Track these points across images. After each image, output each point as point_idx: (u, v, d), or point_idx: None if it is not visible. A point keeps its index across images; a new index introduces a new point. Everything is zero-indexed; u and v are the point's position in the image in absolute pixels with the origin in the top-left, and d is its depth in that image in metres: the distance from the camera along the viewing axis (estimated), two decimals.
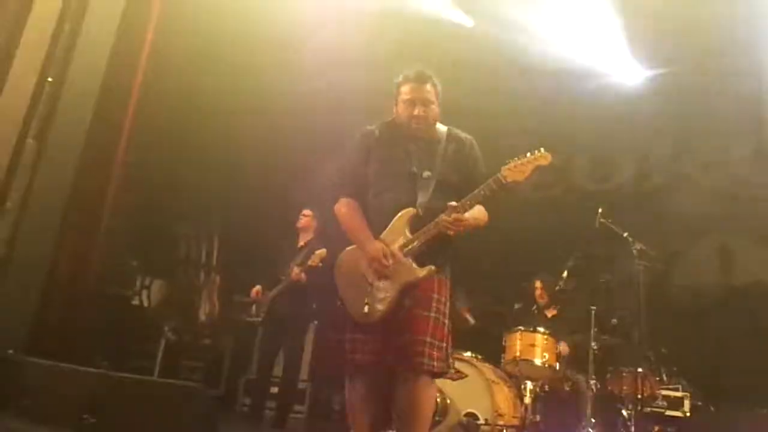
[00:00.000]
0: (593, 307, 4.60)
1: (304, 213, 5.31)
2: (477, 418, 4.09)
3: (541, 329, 4.60)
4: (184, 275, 7.00)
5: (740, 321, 5.45)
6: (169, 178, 6.23)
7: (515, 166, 2.61)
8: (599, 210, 4.61)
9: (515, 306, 5.42)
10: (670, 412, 4.55)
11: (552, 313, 5.23)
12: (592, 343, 4.53)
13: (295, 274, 4.92)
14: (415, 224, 2.66)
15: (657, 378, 4.61)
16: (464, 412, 4.11)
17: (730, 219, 5.81)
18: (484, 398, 4.15)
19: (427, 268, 2.62)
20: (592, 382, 4.47)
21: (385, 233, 2.70)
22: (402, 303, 2.61)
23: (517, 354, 4.52)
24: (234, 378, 6.20)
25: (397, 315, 2.59)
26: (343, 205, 2.82)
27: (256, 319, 5.13)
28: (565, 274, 4.80)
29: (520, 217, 5.49)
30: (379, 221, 2.73)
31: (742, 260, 5.88)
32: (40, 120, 3.82)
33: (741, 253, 5.91)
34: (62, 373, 3.32)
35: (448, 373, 2.68)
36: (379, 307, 2.60)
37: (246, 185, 6.67)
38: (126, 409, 3.06)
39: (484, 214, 2.76)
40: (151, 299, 6.52)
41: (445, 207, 2.61)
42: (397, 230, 2.68)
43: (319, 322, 5.89)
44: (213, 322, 6.86)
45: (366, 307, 2.61)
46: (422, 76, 2.79)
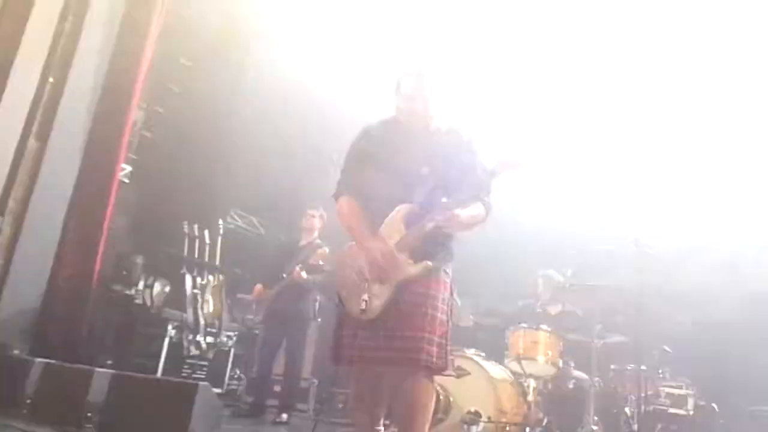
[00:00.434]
0: (597, 305, 4.59)
1: (310, 213, 5.32)
2: (480, 415, 4.08)
3: (544, 327, 4.59)
4: (188, 274, 7.01)
5: (744, 319, 5.44)
6: (174, 176, 6.25)
7: (510, 157, 2.62)
8: (604, 207, 4.59)
9: (518, 303, 5.42)
10: (673, 410, 4.54)
11: (555, 311, 5.22)
12: (595, 341, 4.52)
13: (296, 272, 4.94)
14: (412, 220, 2.66)
15: (660, 376, 4.60)
16: (467, 410, 4.10)
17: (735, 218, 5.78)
18: (487, 396, 4.14)
19: (421, 264, 2.61)
20: (595, 379, 4.46)
21: (382, 228, 2.70)
22: (399, 299, 2.61)
23: (520, 351, 4.51)
24: (237, 376, 6.22)
25: (396, 311, 2.60)
26: (343, 204, 2.82)
27: (257, 318, 5.15)
28: (569, 271, 4.79)
29: (524, 214, 5.48)
30: (378, 217, 2.73)
31: (749, 261, 5.86)
32: (43, 120, 3.84)
33: (749, 254, 5.88)
34: (66, 372, 3.34)
35: (448, 370, 2.67)
36: (375, 303, 2.61)
37: (250, 183, 6.69)
38: (130, 408, 3.08)
39: (482, 211, 2.75)
40: (154, 298, 6.54)
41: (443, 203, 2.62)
42: (394, 225, 2.68)
43: (322, 319, 5.89)
44: (217, 321, 6.87)
45: (363, 304, 2.62)
46: (423, 72, 2.79)
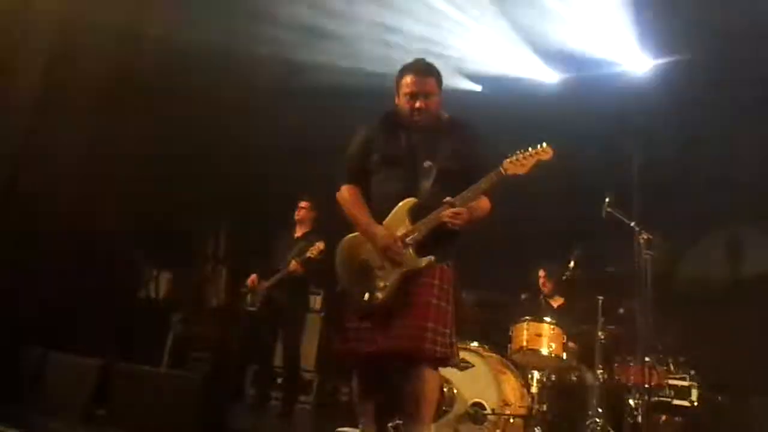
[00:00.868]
0: (600, 297, 4.59)
1: (302, 204, 5.32)
2: (484, 407, 4.09)
3: (548, 319, 4.60)
4: (192, 267, 7.03)
5: (748, 310, 5.42)
6: (176, 169, 6.24)
7: (517, 159, 2.64)
8: (606, 199, 4.58)
9: (522, 296, 5.42)
10: (677, 402, 4.53)
11: (558, 303, 5.23)
12: (599, 333, 4.52)
13: (293, 266, 4.94)
14: (416, 214, 2.68)
15: (664, 368, 4.59)
16: (471, 402, 4.12)
17: (740, 210, 5.76)
18: (491, 388, 4.15)
19: (426, 259, 2.64)
20: (599, 371, 4.47)
21: (386, 222, 2.71)
22: (403, 291, 2.62)
23: (524, 344, 4.52)
24: (241, 369, 6.23)
25: (400, 302, 2.60)
26: (345, 192, 2.84)
27: (252, 309, 5.14)
28: (571, 263, 4.79)
29: (527, 206, 5.46)
30: (381, 210, 2.74)
31: (752, 252, 5.84)
32: None
33: (750, 245, 5.87)
34: (72, 365, 3.36)
35: (452, 361, 2.68)
36: (379, 296, 2.63)
37: (253, 176, 6.67)
38: (135, 400, 3.09)
39: (487, 205, 2.77)
40: (159, 291, 6.56)
41: (449, 196, 2.62)
42: (399, 219, 2.69)
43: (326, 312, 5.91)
44: (220, 313, 6.89)
45: (366, 295, 2.63)
46: (423, 69, 2.82)
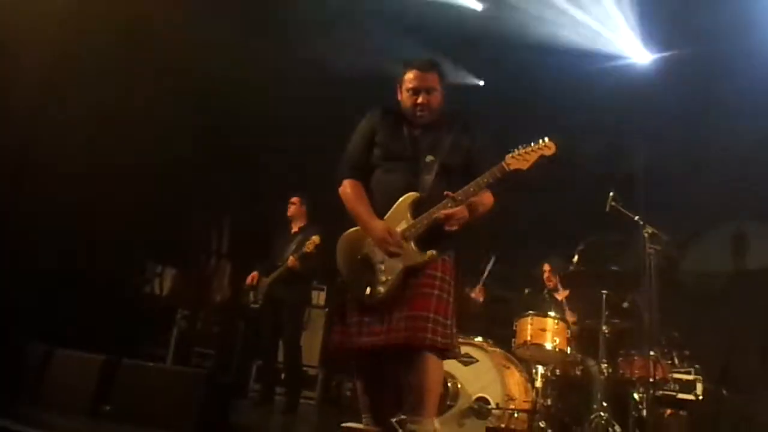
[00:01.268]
0: (604, 291, 4.58)
1: (292, 201, 5.35)
2: (488, 402, 4.10)
3: (552, 314, 4.59)
4: (196, 263, 7.05)
5: (753, 304, 5.41)
6: (180, 164, 6.25)
7: (519, 154, 2.65)
8: (610, 193, 4.56)
9: (525, 291, 5.42)
10: (682, 396, 4.52)
11: (562, 297, 5.22)
12: (603, 327, 4.51)
13: (291, 261, 4.97)
14: (417, 208, 2.69)
15: (668, 362, 4.59)
16: (475, 397, 4.12)
17: (744, 204, 5.74)
18: (495, 383, 4.15)
19: (428, 253, 2.64)
20: (603, 365, 4.46)
21: (387, 217, 2.72)
22: (404, 284, 2.63)
23: (528, 338, 4.51)
24: (245, 364, 6.25)
25: (401, 295, 2.62)
26: (347, 186, 2.84)
27: (255, 306, 5.18)
28: (575, 258, 4.78)
29: (531, 201, 5.46)
30: (383, 205, 2.75)
31: (756, 246, 5.82)
32: None
33: (754, 239, 5.85)
34: (77, 361, 3.36)
35: (454, 352, 2.68)
36: (380, 289, 2.64)
37: (255, 169, 6.68)
38: (140, 396, 3.10)
39: (490, 199, 2.77)
40: (163, 287, 6.58)
41: (450, 190, 2.63)
42: (400, 214, 2.70)
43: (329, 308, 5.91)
44: (224, 309, 6.91)
45: (368, 289, 2.64)
46: (426, 64, 2.82)
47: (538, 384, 4.46)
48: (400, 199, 2.71)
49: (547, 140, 2.67)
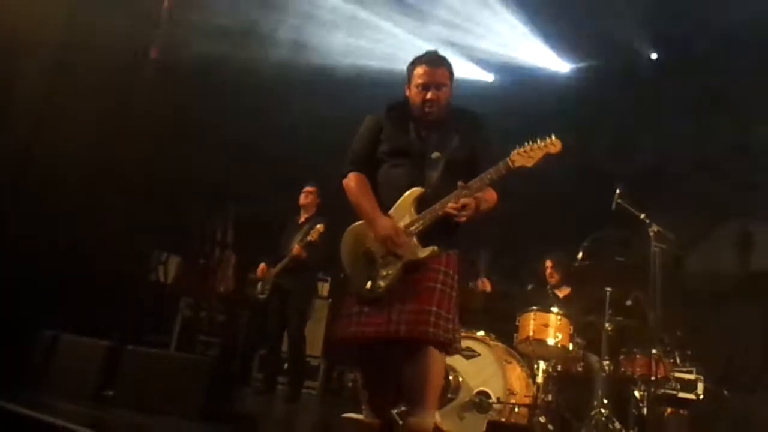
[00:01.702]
0: (608, 288, 4.58)
1: (308, 190, 5.35)
2: (489, 396, 4.11)
3: (555, 309, 4.59)
4: (201, 251, 7.07)
5: (756, 304, 5.39)
6: (185, 154, 6.25)
7: (525, 151, 2.63)
8: (617, 191, 4.55)
9: (528, 286, 5.41)
10: (683, 395, 4.53)
11: (565, 293, 5.21)
12: (606, 324, 4.51)
13: (296, 250, 4.99)
14: (421, 204, 2.68)
15: (670, 360, 4.59)
16: (476, 391, 4.13)
17: (751, 204, 5.71)
18: (496, 377, 4.16)
19: (430, 249, 2.64)
20: (605, 362, 4.47)
21: (392, 212, 2.72)
22: (406, 278, 2.64)
23: (531, 334, 4.51)
24: (248, 353, 6.29)
25: (403, 289, 2.62)
26: (352, 180, 2.83)
27: (262, 296, 5.20)
28: (580, 254, 4.77)
29: (535, 197, 5.45)
30: (388, 200, 2.75)
31: (761, 246, 5.79)
32: None
33: (760, 239, 5.82)
34: (82, 347, 3.39)
35: (455, 346, 2.69)
36: (381, 284, 2.64)
37: (261, 161, 6.68)
38: (143, 383, 3.12)
39: (493, 197, 2.77)
40: (167, 275, 6.60)
41: (454, 188, 2.62)
42: (404, 209, 2.70)
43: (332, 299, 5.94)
44: (228, 298, 6.94)
45: (369, 283, 2.64)
46: (436, 60, 2.80)
47: (540, 379, 4.47)
48: (405, 194, 2.70)
49: (554, 137, 2.65)
